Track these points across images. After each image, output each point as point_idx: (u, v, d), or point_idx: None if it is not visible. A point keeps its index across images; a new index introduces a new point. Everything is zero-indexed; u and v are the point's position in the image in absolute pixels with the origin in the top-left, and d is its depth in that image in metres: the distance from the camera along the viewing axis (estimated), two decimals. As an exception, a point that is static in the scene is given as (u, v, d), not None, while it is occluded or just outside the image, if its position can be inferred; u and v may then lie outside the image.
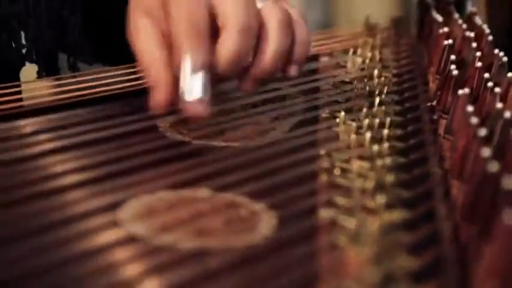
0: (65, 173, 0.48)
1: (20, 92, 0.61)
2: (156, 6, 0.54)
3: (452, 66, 0.61)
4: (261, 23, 0.55)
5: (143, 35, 0.54)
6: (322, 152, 0.52)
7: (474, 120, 0.48)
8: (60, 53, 0.69)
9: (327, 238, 0.41)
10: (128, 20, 0.56)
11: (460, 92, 0.55)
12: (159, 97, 0.52)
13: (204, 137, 0.55)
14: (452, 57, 0.64)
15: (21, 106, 0.59)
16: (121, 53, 0.60)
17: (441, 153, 0.53)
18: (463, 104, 0.53)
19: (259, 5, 0.56)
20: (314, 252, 0.40)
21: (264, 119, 0.59)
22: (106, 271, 0.38)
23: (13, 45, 0.66)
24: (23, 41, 0.67)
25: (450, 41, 0.67)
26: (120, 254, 0.40)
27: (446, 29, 0.71)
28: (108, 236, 0.40)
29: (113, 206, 0.43)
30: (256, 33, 0.54)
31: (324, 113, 0.60)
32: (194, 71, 0.52)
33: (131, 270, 0.38)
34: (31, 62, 0.68)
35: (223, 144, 0.54)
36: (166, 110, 0.53)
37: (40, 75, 0.69)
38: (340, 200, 0.45)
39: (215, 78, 0.54)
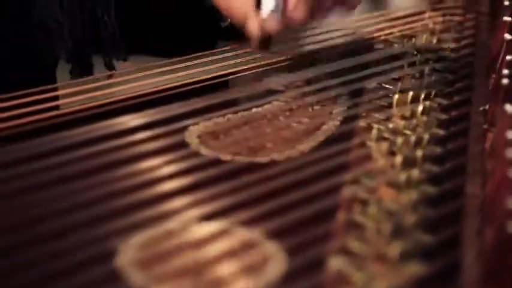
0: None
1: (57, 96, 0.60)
2: None
3: (505, 71, 0.56)
4: None
5: None
6: (348, 177, 0.48)
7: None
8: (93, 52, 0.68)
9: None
10: None
11: (509, 108, 0.50)
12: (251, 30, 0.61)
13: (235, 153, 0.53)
14: (509, 57, 0.58)
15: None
16: (156, 46, 0.60)
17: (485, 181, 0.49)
18: (508, 125, 0.48)
19: None
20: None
21: (298, 126, 0.56)
22: None
23: (48, 45, 0.65)
24: (58, 41, 0.66)
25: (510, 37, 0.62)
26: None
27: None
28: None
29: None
30: None
31: (362, 123, 0.57)
32: None
33: None
34: (66, 61, 0.67)
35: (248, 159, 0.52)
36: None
37: (73, 74, 0.68)
38: (354, 246, 0.42)
39: None
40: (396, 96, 0.59)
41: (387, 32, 0.75)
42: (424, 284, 0.39)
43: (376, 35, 0.75)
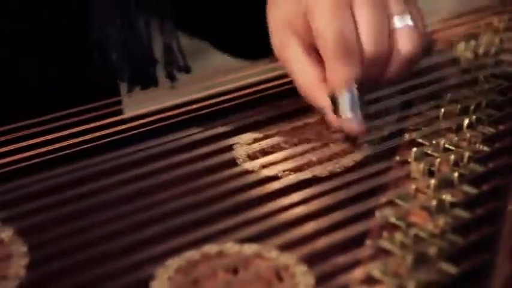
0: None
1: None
2: (297, 15, 0.56)
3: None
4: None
5: (292, 55, 0.57)
6: (384, 199, 0.50)
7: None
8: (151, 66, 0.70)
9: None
10: (270, 32, 0.58)
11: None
12: (329, 119, 0.56)
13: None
14: None
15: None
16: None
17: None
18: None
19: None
20: None
21: (344, 141, 0.58)
22: None
23: (105, 65, 0.68)
24: (117, 63, 0.68)
25: None
26: None
27: None
28: None
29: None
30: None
31: (407, 137, 0.58)
32: (346, 88, 0.54)
33: None
34: (123, 80, 0.69)
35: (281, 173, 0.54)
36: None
37: (130, 91, 0.70)
38: (378, 275, 0.43)
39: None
40: (444, 108, 0.60)
41: (448, 32, 0.75)
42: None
43: (436, 35, 0.75)
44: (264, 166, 0.55)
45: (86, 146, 0.57)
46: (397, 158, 0.55)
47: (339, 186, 0.52)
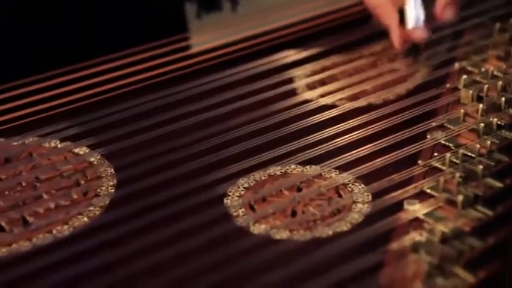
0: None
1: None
2: None
3: None
4: None
5: None
6: (434, 123, 0.54)
7: None
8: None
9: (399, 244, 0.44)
10: None
11: None
12: (395, 41, 0.62)
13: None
14: None
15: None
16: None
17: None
18: None
19: None
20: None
21: (403, 68, 0.62)
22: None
23: None
24: None
25: None
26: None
27: None
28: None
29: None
30: None
31: (457, 66, 0.61)
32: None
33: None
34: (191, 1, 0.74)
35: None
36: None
37: (200, 14, 0.75)
38: (430, 191, 0.48)
39: None
40: (493, 37, 0.63)
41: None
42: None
43: None
44: (322, 95, 0.60)
45: (162, 78, 0.62)
46: (447, 85, 0.59)
47: (392, 112, 0.56)
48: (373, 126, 0.55)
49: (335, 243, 0.45)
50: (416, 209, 0.46)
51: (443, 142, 0.52)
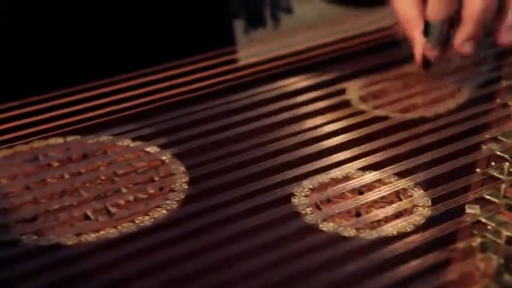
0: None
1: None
2: None
3: None
4: None
5: None
6: (488, 136, 0.57)
7: None
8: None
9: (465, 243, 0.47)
10: None
11: None
12: (416, 52, 0.65)
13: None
14: None
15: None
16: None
17: None
18: None
19: None
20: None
21: (450, 85, 0.65)
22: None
23: (222, 5, 0.75)
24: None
25: None
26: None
27: None
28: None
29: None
30: None
31: (504, 84, 0.64)
32: (439, 19, 0.63)
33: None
34: (238, 18, 0.77)
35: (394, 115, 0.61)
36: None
37: (247, 30, 0.78)
38: (489, 197, 0.50)
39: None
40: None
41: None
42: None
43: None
44: (375, 107, 0.63)
45: (213, 89, 0.65)
46: (498, 100, 0.62)
47: (445, 125, 0.59)
48: (427, 137, 0.58)
49: (400, 242, 0.47)
50: (478, 213, 0.49)
51: (498, 153, 0.55)
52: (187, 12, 0.74)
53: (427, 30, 0.64)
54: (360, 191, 0.52)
